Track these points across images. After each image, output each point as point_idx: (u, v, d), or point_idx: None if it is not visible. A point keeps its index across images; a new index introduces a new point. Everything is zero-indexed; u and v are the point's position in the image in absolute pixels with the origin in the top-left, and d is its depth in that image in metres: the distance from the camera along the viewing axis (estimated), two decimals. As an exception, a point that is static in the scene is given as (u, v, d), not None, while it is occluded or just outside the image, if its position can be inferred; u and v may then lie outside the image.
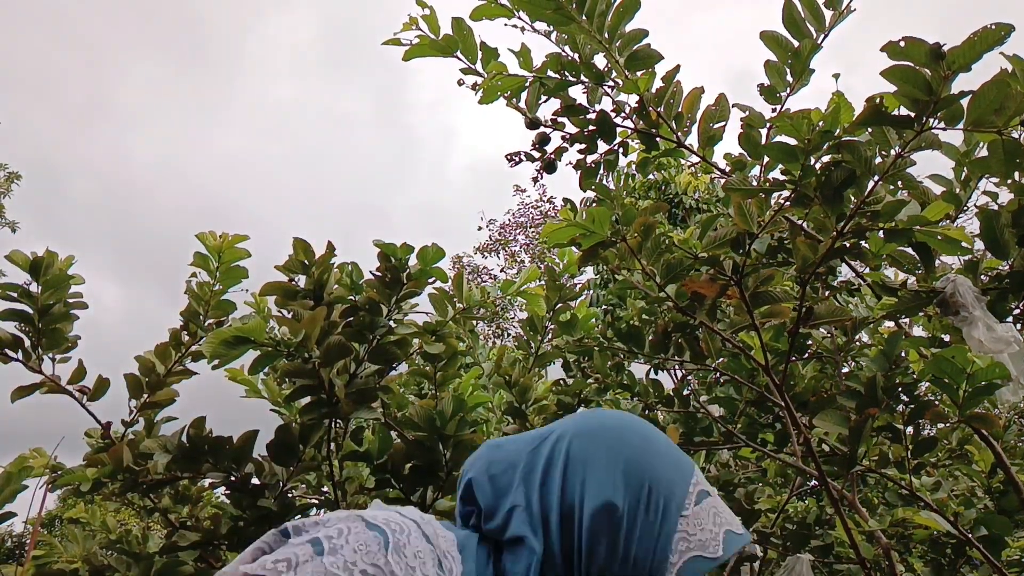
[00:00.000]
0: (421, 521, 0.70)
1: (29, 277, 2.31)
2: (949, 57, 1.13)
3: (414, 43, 1.63)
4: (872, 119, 1.25)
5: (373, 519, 0.66)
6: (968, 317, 1.44)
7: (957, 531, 1.80)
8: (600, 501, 0.70)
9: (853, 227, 1.34)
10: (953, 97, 1.16)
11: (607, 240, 1.46)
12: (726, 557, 0.72)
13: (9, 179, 14.70)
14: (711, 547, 0.71)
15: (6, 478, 2.23)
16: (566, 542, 0.70)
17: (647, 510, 0.71)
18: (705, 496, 0.74)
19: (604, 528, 0.69)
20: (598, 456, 0.73)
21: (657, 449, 0.75)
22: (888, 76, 1.17)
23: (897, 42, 1.13)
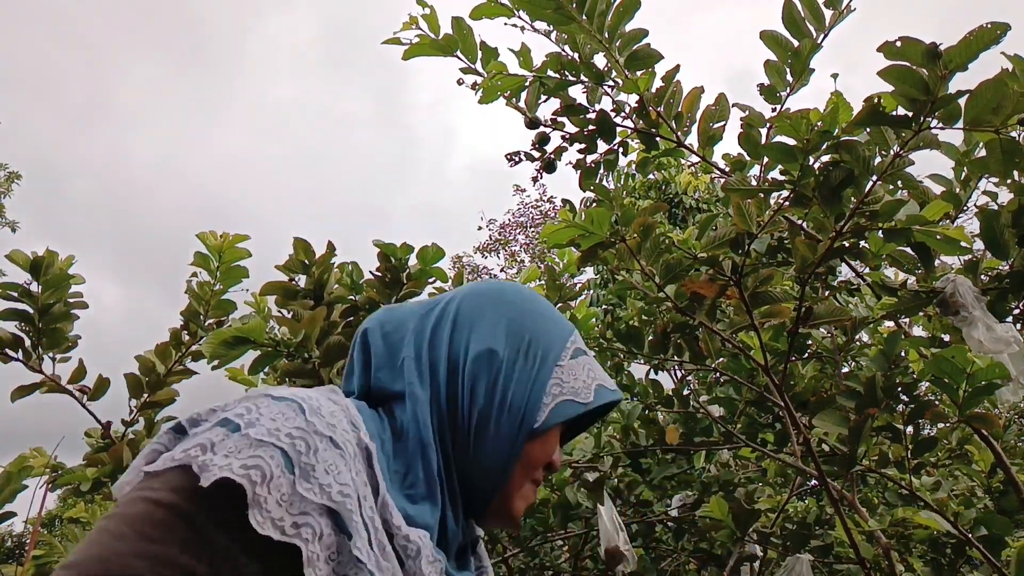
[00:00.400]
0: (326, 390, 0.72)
1: (29, 277, 2.31)
2: (945, 56, 1.13)
3: (414, 42, 1.62)
4: (870, 119, 1.25)
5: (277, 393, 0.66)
6: (968, 317, 1.44)
7: (957, 531, 1.80)
8: (482, 348, 0.76)
9: (852, 227, 1.34)
10: (950, 96, 1.16)
11: (606, 241, 1.46)
12: (595, 404, 0.78)
13: (9, 179, 14.70)
14: (582, 394, 0.78)
15: (6, 478, 2.23)
16: (451, 388, 0.75)
17: (525, 357, 0.77)
18: (581, 354, 0.81)
19: (483, 371, 0.75)
20: (484, 313, 0.79)
21: (539, 309, 0.82)
22: (885, 76, 1.17)
23: (893, 42, 1.13)
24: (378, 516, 0.66)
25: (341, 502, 0.61)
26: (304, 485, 0.59)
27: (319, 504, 0.60)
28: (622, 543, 1.95)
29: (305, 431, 0.62)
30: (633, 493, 2.49)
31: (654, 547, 2.93)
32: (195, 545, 0.55)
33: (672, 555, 2.89)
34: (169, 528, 0.55)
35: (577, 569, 2.74)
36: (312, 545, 0.58)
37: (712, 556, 2.63)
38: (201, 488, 0.56)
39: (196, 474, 0.57)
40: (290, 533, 0.57)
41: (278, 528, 0.57)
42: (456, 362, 0.76)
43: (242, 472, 0.57)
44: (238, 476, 0.57)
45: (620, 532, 1.97)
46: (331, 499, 0.60)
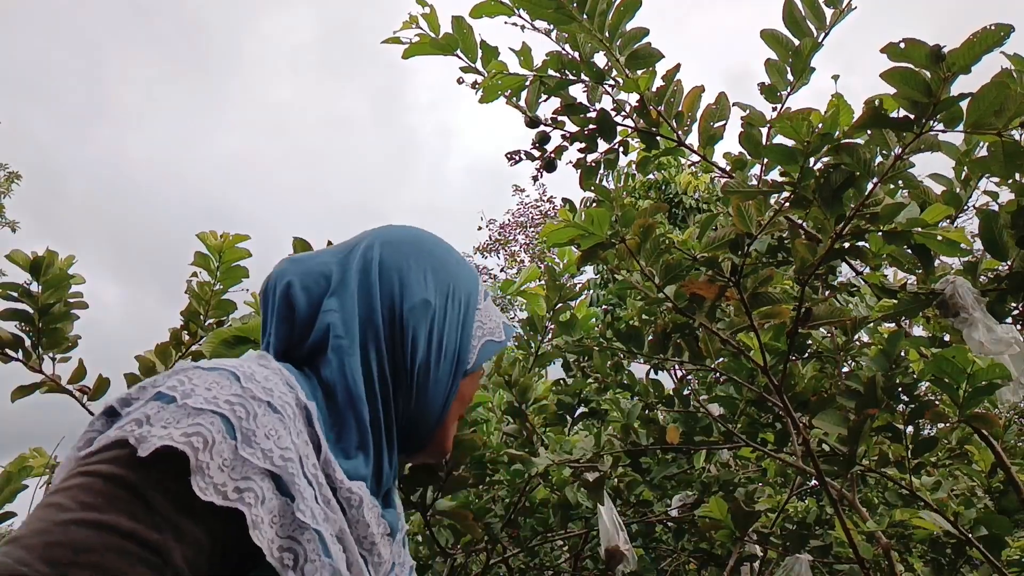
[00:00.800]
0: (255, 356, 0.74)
1: (29, 277, 2.31)
2: (949, 59, 1.13)
3: (414, 41, 1.62)
4: (871, 122, 1.25)
5: (207, 364, 0.66)
6: (968, 318, 1.44)
7: (957, 531, 1.79)
8: (418, 298, 0.79)
9: (852, 229, 1.34)
10: (953, 99, 1.16)
11: (606, 241, 1.46)
12: (507, 343, 0.86)
13: (9, 179, 14.70)
14: (497, 333, 0.85)
15: (6, 478, 2.23)
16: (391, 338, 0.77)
17: (453, 304, 0.82)
18: (487, 295, 0.88)
19: (421, 320, 0.79)
20: (408, 263, 0.81)
21: (455, 257, 0.87)
22: (888, 78, 1.17)
23: (897, 44, 1.13)
24: (321, 472, 0.67)
25: (283, 466, 0.61)
26: (247, 450, 0.60)
27: (262, 468, 0.60)
28: (622, 543, 1.95)
29: (243, 397, 0.62)
30: (633, 493, 2.48)
31: (654, 547, 2.93)
32: (140, 511, 0.55)
33: (672, 555, 2.88)
34: (111, 497, 0.55)
35: (577, 569, 2.74)
36: (255, 509, 0.58)
37: (712, 556, 2.63)
38: (141, 459, 0.56)
39: (134, 446, 0.56)
40: (233, 498, 0.57)
41: (220, 493, 0.57)
42: (393, 312, 0.78)
43: (183, 440, 0.57)
44: (179, 444, 0.56)
45: (620, 532, 1.97)
46: (273, 463, 0.61)
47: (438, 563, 2.48)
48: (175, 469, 0.56)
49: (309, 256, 0.84)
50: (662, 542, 2.88)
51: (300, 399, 0.69)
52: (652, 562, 2.91)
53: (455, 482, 1.92)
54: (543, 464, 1.85)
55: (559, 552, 3.06)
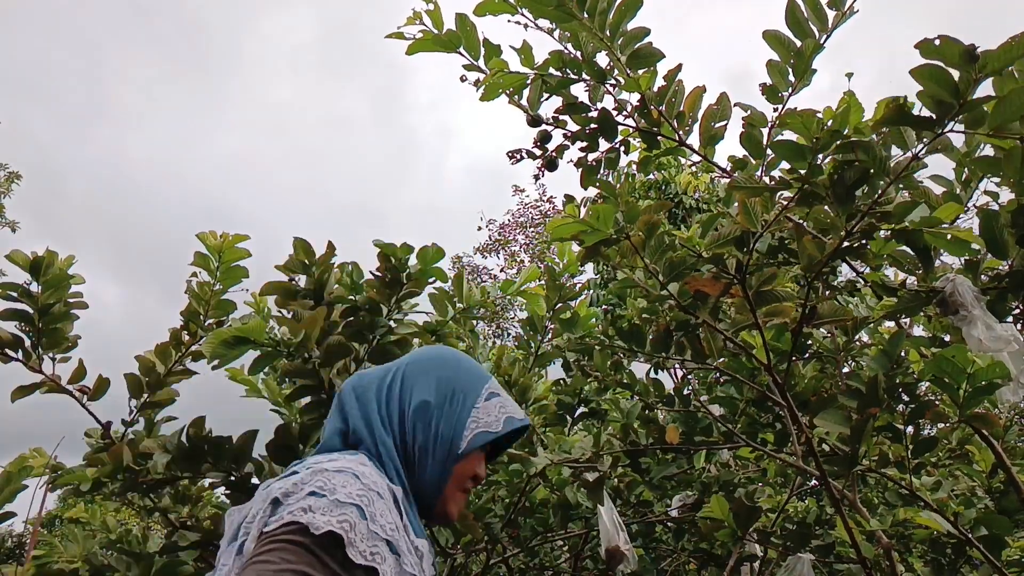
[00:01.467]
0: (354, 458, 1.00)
1: (29, 277, 2.30)
2: (982, 60, 1.12)
3: (417, 38, 1.62)
4: (895, 119, 1.24)
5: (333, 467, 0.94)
6: (968, 316, 1.44)
7: (957, 531, 1.80)
8: (419, 400, 1.07)
9: (863, 227, 1.34)
10: (978, 101, 1.15)
11: (610, 237, 1.46)
12: (503, 432, 1.07)
13: (9, 179, 14.67)
14: (493, 426, 1.08)
15: (6, 478, 2.23)
16: (402, 432, 1.05)
17: (451, 402, 1.07)
18: (494, 396, 1.11)
19: (421, 416, 1.06)
20: (421, 375, 1.10)
21: (464, 366, 1.13)
22: (916, 75, 1.15)
23: (932, 40, 1.12)
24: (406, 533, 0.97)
25: (392, 535, 0.93)
26: (373, 526, 0.91)
27: (383, 538, 0.91)
28: (622, 542, 1.95)
29: (364, 491, 0.92)
30: (633, 493, 2.48)
31: (654, 547, 2.93)
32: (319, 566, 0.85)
33: (672, 555, 2.88)
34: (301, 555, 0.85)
35: (577, 569, 2.74)
36: (383, 566, 0.89)
37: (712, 556, 2.62)
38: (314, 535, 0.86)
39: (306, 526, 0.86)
40: (369, 559, 0.88)
41: (363, 557, 0.88)
42: (404, 412, 1.06)
43: (338, 525, 0.87)
44: (337, 528, 0.87)
45: (620, 531, 1.96)
46: (387, 533, 0.92)
47: (438, 563, 2.48)
48: (333, 541, 0.86)
49: (369, 371, 1.14)
50: (662, 542, 2.88)
51: (391, 487, 0.98)
52: (652, 562, 2.91)
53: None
54: (542, 464, 1.85)
55: (559, 552, 3.06)
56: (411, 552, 0.97)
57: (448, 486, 1.06)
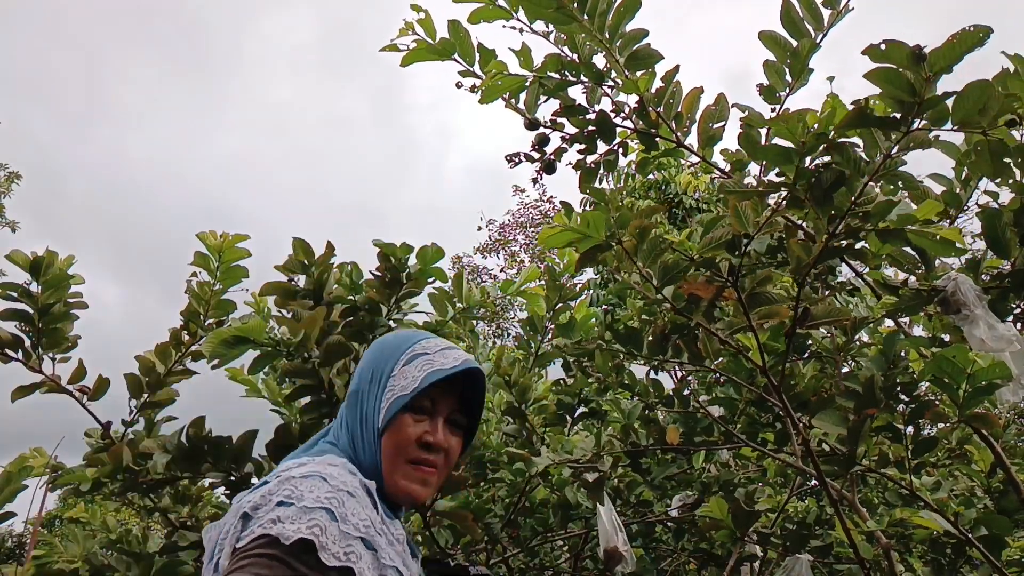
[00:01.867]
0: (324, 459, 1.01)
1: (29, 277, 2.30)
2: (930, 59, 1.14)
3: (411, 48, 1.62)
4: (857, 121, 1.25)
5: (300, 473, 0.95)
6: (969, 316, 1.44)
7: (957, 531, 1.79)
8: (349, 393, 1.09)
9: (845, 228, 1.34)
10: (937, 98, 1.17)
11: (603, 243, 1.46)
12: (423, 386, 1.04)
13: (9, 179, 14.68)
14: (409, 387, 1.04)
15: (6, 478, 2.23)
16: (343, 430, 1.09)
17: (370, 384, 1.07)
18: (417, 357, 1.07)
19: (351, 408, 1.08)
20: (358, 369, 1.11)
21: (386, 344, 1.11)
22: (872, 78, 1.18)
23: (878, 45, 1.15)
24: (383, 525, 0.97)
25: (365, 531, 0.93)
26: (344, 526, 0.91)
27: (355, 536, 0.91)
28: (621, 543, 1.95)
29: (332, 493, 0.93)
30: (633, 493, 2.48)
31: (654, 547, 2.93)
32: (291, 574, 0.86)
33: (672, 555, 2.88)
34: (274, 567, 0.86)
35: (577, 569, 2.74)
36: (359, 564, 0.90)
37: (712, 556, 2.62)
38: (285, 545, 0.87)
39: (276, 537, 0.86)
40: (343, 559, 0.89)
41: (337, 558, 0.88)
42: None
43: (307, 531, 0.88)
44: (307, 535, 0.87)
45: (619, 532, 1.97)
46: (360, 531, 0.92)
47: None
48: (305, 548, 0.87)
49: None
50: (662, 542, 2.88)
51: (363, 481, 0.99)
52: (652, 562, 2.91)
53: (454, 482, 1.92)
54: (543, 464, 1.85)
55: (559, 552, 3.06)
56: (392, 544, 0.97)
57: (385, 464, 1.04)
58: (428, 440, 1.05)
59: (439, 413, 1.08)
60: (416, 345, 1.10)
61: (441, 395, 1.08)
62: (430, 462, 1.06)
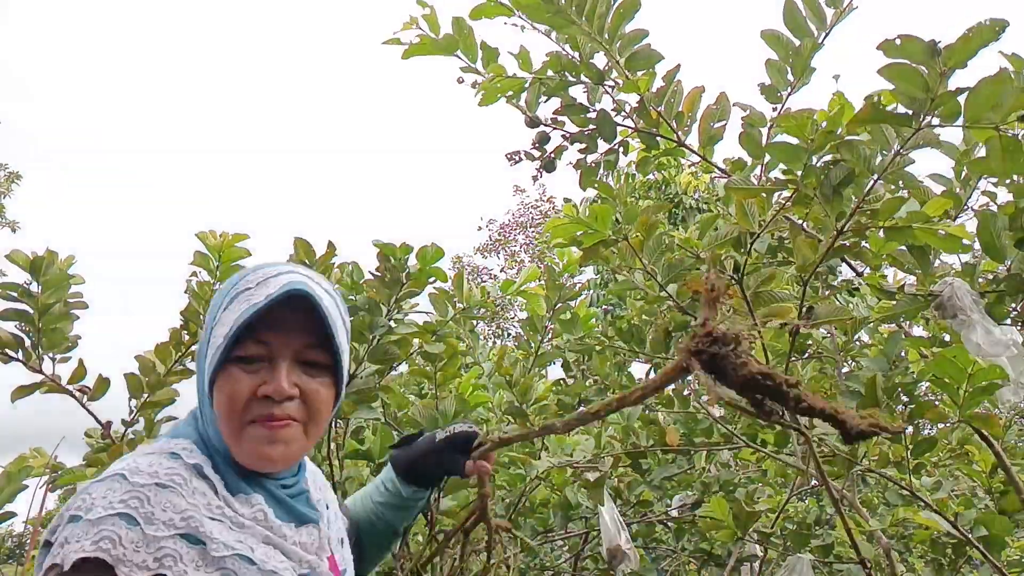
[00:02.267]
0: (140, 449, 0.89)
1: (29, 277, 2.31)
2: (945, 54, 1.13)
3: (413, 43, 1.63)
4: (871, 117, 1.25)
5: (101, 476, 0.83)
6: (966, 320, 1.44)
7: (957, 531, 1.79)
8: None
9: (853, 225, 1.34)
10: (951, 94, 1.16)
11: (609, 238, 1.46)
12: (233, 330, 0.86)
13: (9, 179, 14.68)
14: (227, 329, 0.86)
15: (7, 478, 2.23)
16: None
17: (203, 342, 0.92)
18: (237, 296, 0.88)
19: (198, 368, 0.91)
20: None
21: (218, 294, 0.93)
22: (885, 74, 1.17)
23: (893, 40, 1.14)
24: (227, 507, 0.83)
25: (184, 525, 0.78)
26: (150, 528, 0.76)
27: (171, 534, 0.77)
28: (624, 542, 1.95)
29: (131, 492, 0.78)
30: (633, 493, 2.48)
31: (654, 547, 2.93)
32: None
33: (672, 555, 2.88)
34: None
35: (577, 569, 2.74)
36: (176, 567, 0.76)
37: (712, 556, 2.63)
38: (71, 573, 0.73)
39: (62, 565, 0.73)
40: (154, 567, 0.75)
41: (144, 568, 0.74)
42: None
43: (93, 548, 0.74)
44: (91, 552, 0.73)
45: (622, 531, 1.97)
46: (176, 527, 0.78)
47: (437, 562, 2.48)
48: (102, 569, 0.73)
49: None
50: (662, 542, 2.88)
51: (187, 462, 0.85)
52: (652, 562, 2.91)
53: (456, 482, 1.92)
54: (544, 467, 1.85)
55: (559, 552, 3.06)
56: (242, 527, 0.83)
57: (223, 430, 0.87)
58: (266, 392, 0.86)
59: (279, 356, 0.88)
60: (240, 283, 0.90)
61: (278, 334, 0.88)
62: (276, 416, 0.87)
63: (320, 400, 0.90)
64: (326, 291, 0.92)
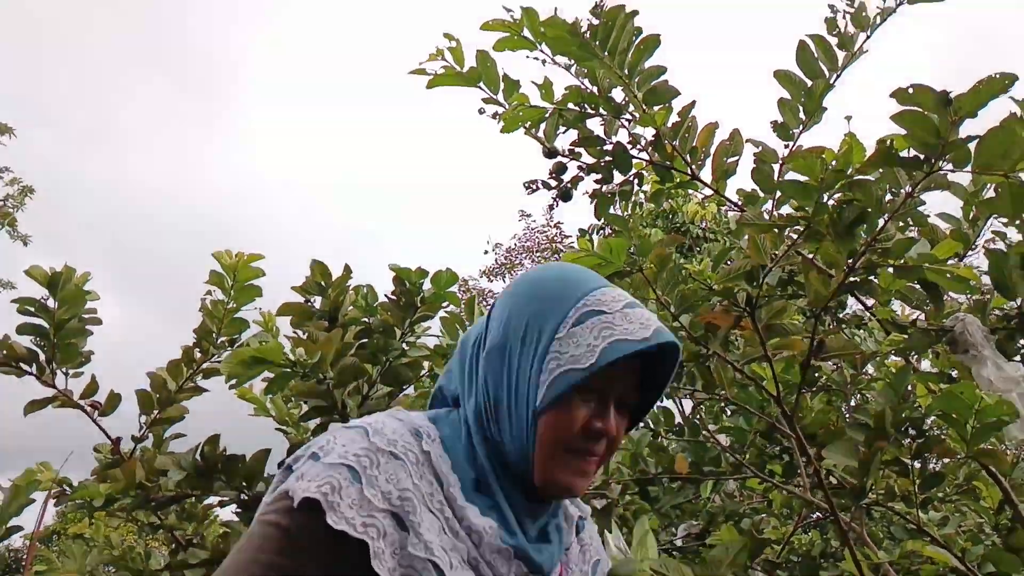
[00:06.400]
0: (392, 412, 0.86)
1: (46, 292, 2.34)
2: (956, 103, 1.17)
3: (438, 73, 1.68)
4: (883, 160, 1.29)
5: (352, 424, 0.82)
6: (977, 355, 1.46)
7: (965, 567, 1.79)
8: (489, 346, 0.85)
9: (864, 263, 1.37)
10: (961, 141, 1.20)
11: (623, 270, 1.49)
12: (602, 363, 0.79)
13: (22, 193, 14.79)
14: (584, 359, 0.79)
15: (15, 491, 2.24)
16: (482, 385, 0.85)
17: (524, 343, 0.82)
18: (593, 315, 0.81)
19: (491, 366, 0.84)
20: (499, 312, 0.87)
21: (539, 291, 0.85)
22: (898, 120, 1.21)
23: (906, 89, 1.18)
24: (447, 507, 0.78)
25: (399, 505, 0.75)
26: (369, 491, 0.75)
27: (382, 508, 0.74)
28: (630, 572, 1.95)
29: (369, 450, 0.77)
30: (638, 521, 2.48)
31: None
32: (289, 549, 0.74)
33: (676, 585, 2.86)
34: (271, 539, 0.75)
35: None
36: (378, 542, 0.73)
37: (717, 587, 2.61)
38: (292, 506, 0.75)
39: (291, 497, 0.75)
40: (360, 531, 0.73)
41: (351, 525, 0.73)
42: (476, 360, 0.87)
43: (316, 489, 0.74)
44: (313, 493, 0.73)
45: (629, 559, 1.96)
46: (391, 503, 0.75)
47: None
48: (318, 511, 0.73)
49: None
50: (666, 572, 2.87)
51: (423, 447, 0.81)
52: (656, 592, 2.89)
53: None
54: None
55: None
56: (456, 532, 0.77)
57: (539, 450, 0.80)
58: (597, 427, 0.81)
59: (611, 392, 0.83)
60: (589, 297, 0.83)
61: (617, 374, 0.82)
62: (593, 452, 0.83)
63: (620, 439, 0.87)
64: None
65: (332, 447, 0.78)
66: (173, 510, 2.37)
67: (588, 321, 0.81)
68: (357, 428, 0.80)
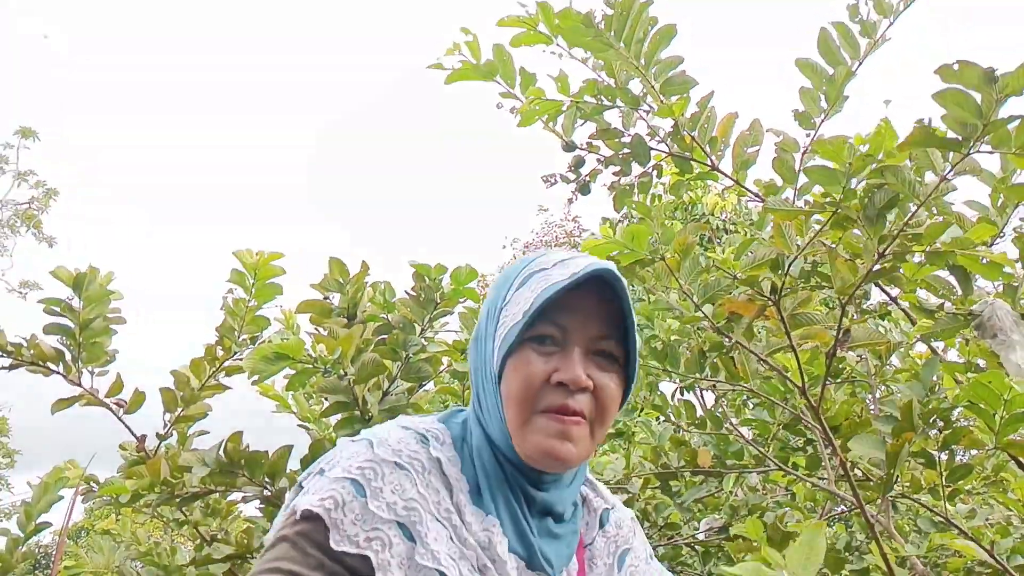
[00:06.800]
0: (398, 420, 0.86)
1: (71, 292, 2.37)
2: (1002, 81, 1.14)
3: (456, 68, 1.68)
4: (921, 141, 1.26)
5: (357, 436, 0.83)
6: (1006, 341, 1.43)
7: (994, 559, 1.77)
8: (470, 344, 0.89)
9: (895, 249, 1.35)
10: (1002, 121, 1.17)
11: (646, 258, 1.48)
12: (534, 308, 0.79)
13: (47, 196, 15.00)
14: (519, 316, 0.81)
15: (44, 488, 2.28)
16: None
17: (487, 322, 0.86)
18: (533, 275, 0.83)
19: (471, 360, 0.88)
20: None
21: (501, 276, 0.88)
22: (939, 99, 1.18)
23: (951, 65, 1.15)
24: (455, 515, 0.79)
25: (405, 515, 0.75)
26: (374, 503, 0.75)
27: (387, 519, 0.75)
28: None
29: (373, 461, 0.78)
30: (660, 515, 2.47)
31: (680, 570, 2.90)
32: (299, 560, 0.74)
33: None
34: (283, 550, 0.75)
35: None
36: (382, 554, 0.73)
37: (740, 581, 2.59)
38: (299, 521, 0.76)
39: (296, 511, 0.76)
40: (363, 546, 0.73)
41: (353, 542, 0.73)
42: None
43: (318, 504, 0.75)
44: (315, 507, 0.75)
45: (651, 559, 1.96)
46: (396, 514, 0.75)
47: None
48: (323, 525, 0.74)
49: None
50: (688, 565, 2.86)
51: (431, 454, 0.81)
52: (678, 586, 2.88)
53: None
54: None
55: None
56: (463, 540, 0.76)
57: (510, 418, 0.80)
58: (561, 378, 0.78)
59: (574, 343, 0.81)
60: (533, 263, 0.85)
61: (574, 319, 0.81)
62: (570, 408, 0.79)
63: (610, 396, 0.82)
64: None
65: (337, 461, 0.80)
66: (198, 506, 2.40)
67: (528, 281, 0.83)
68: (361, 441, 0.82)
